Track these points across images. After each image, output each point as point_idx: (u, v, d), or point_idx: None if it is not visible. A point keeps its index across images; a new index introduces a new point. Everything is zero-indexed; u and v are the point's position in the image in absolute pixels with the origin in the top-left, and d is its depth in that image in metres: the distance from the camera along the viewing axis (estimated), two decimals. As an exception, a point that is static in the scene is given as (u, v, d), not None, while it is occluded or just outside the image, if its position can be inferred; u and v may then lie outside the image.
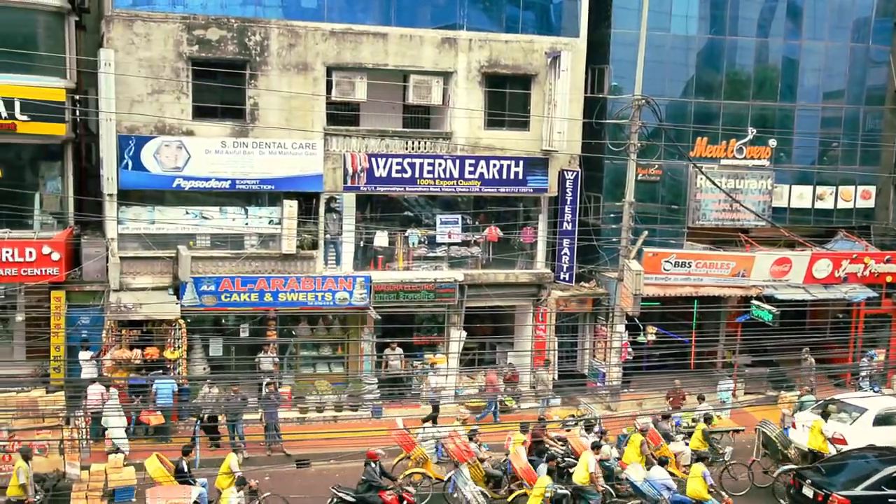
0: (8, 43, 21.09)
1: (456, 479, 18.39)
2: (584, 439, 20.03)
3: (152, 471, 17.57)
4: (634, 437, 19.80)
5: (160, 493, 16.63)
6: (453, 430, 19.61)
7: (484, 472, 19.15)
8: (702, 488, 18.09)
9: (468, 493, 17.73)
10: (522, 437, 19.45)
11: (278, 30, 23.01)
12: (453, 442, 18.96)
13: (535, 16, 25.12)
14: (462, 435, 19.43)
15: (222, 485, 17.43)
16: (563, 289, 25.77)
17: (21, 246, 21.18)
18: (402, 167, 24.17)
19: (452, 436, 19.15)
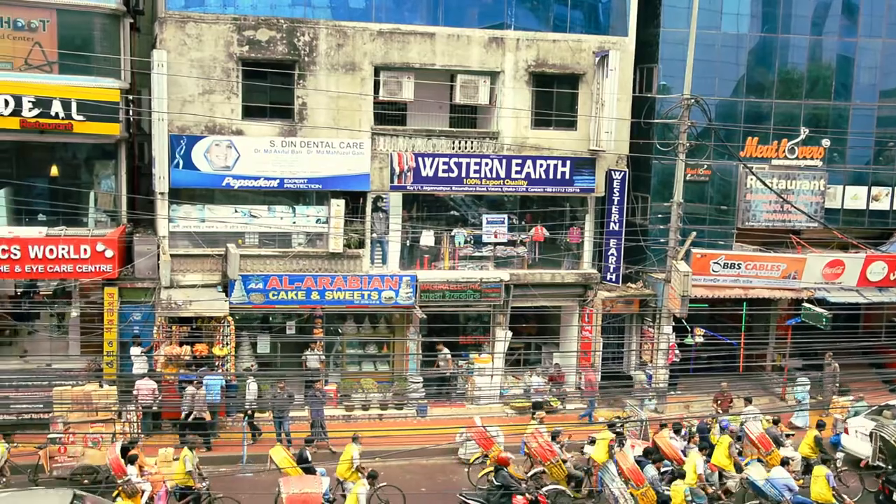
0: (66, 45, 21.66)
1: (602, 475, 18.20)
2: (675, 441, 19.79)
3: (278, 460, 17.84)
4: (723, 439, 19.48)
5: (293, 483, 16.68)
6: (535, 429, 19.51)
7: (566, 471, 18.96)
8: (826, 491, 17.80)
9: (616, 490, 17.56)
10: (610, 436, 19.29)
11: (327, 30, 23.20)
12: (536, 441, 18.83)
13: (582, 15, 24.98)
14: (545, 434, 19.28)
15: (344, 474, 17.79)
16: (610, 289, 25.59)
17: (76, 243, 21.63)
18: (449, 167, 24.21)
19: (535, 435, 19.02)
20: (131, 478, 16.87)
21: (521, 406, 24.53)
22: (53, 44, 21.64)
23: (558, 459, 18.87)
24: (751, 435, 20.04)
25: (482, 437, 19.74)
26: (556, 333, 26.81)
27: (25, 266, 21.33)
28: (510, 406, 24.65)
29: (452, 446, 21.38)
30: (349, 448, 18.23)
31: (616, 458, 18.47)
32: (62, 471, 18.82)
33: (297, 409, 22.15)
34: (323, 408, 21.92)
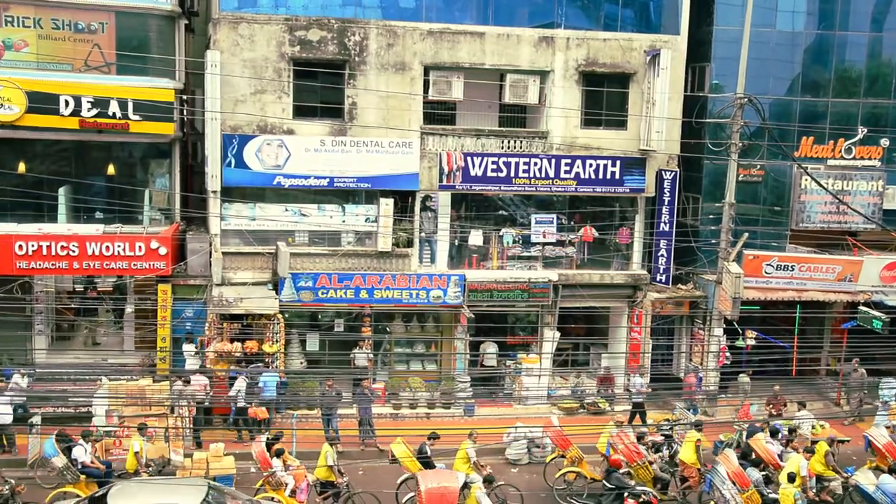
0: (124, 46, 22.09)
1: (712, 478, 18.02)
2: (771, 446, 19.47)
3: (399, 454, 18.05)
4: (820, 445, 19.11)
5: (431, 477, 16.84)
6: (622, 430, 19.40)
7: (653, 473, 18.79)
8: None
9: (727, 493, 17.38)
10: (697, 436, 19.09)
11: (377, 30, 23.32)
12: (622, 442, 18.69)
13: (634, 13, 24.75)
14: (631, 435, 19.12)
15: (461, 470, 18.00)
16: (660, 290, 25.33)
17: (131, 240, 22.05)
18: (498, 166, 24.18)
19: (622, 436, 18.89)
20: (276, 471, 17.20)
21: (569, 407, 24.42)
22: (112, 45, 22.09)
23: (645, 461, 18.63)
24: (876, 443, 19.60)
25: (559, 437, 19.59)
26: (605, 334, 26.62)
27: (83, 263, 21.80)
28: (557, 407, 24.53)
29: (500, 446, 21.34)
30: (464, 445, 18.38)
31: (719, 459, 18.23)
32: (117, 463, 19.17)
33: (346, 406, 22.29)
34: (371, 406, 22.06)
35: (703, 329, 25.21)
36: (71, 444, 17.80)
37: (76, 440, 18.02)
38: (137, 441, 18.30)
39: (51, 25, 21.77)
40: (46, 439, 17.78)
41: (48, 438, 17.73)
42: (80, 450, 17.73)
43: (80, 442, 17.90)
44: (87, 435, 18.09)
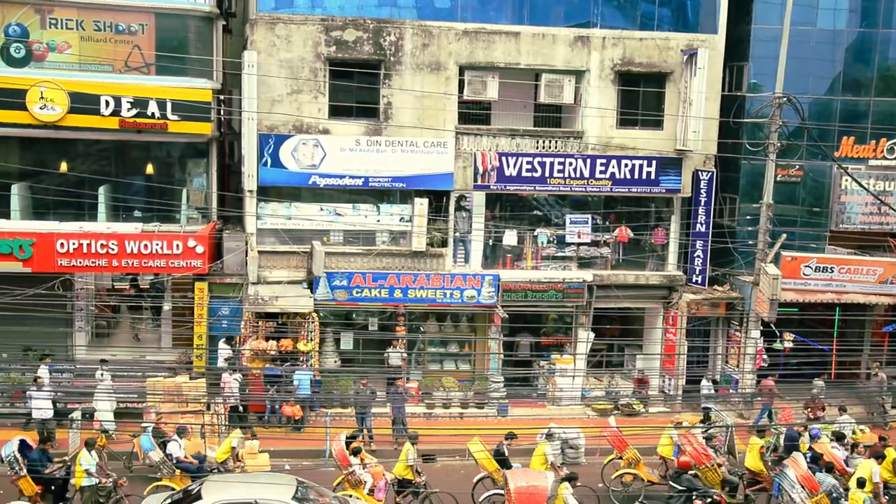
0: (163, 47, 22.37)
1: (781, 482, 17.74)
2: (837, 451, 19.21)
3: (475, 453, 18.14)
4: (889, 451, 18.73)
5: (520, 476, 16.88)
6: (689, 432, 19.15)
7: (721, 476, 18.46)
8: None
9: (796, 497, 17.15)
10: (760, 442, 18.84)
11: (412, 30, 23.38)
12: (690, 444, 18.50)
13: (670, 12, 24.56)
14: (699, 437, 18.89)
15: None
16: (696, 292, 25.10)
17: (169, 239, 22.31)
18: (533, 166, 24.12)
19: (689, 437, 18.71)
20: (355, 469, 17.32)
21: (603, 408, 24.29)
22: (151, 46, 22.37)
23: (713, 463, 18.35)
24: None
25: (616, 438, 19.44)
26: (640, 335, 26.43)
27: (122, 260, 22.11)
28: (591, 408, 24.41)
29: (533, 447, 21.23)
30: (541, 446, 18.40)
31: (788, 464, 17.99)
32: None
33: (379, 405, 22.37)
34: (404, 405, 22.11)
35: (740, 331, 24.94)
36: (166, 440, 18.15)
37: (169, 435, 18.39)
38: (236, 437, 18.57)
39: (93, 27, 22.12)
40: (143, 434, 18.13)
41: (144, 434, 18.07)
42: (174, 445, 18.05)
43: (174, 437, 18.23)
44: (181, 432, 18.42)
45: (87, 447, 17.09)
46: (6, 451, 16.58)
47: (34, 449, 17.16)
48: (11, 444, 16.73)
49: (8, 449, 16.60)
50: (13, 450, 16.53)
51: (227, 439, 18.67)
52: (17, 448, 16.60)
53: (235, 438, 18.63)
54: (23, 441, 17.10)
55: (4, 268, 21.48)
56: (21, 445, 16.87)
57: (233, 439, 18.59)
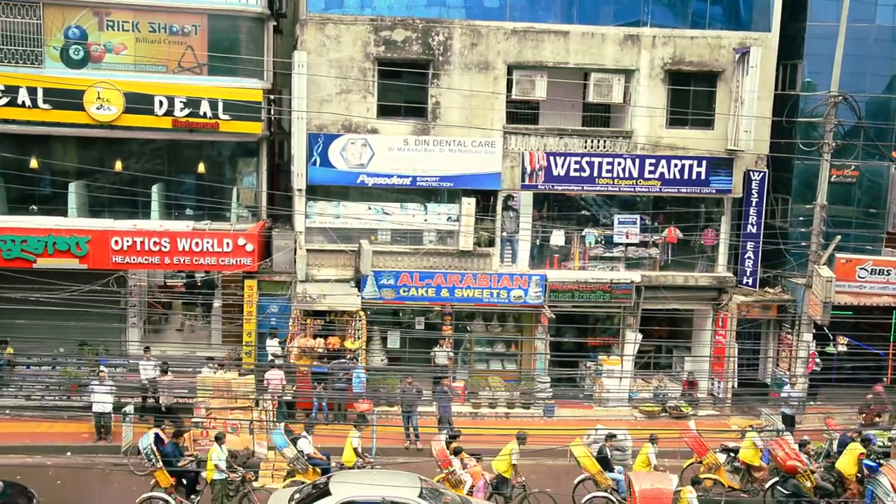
0: (215, 48, 22.70)
1: (874, 489, 17.54)
2: None
3: (578, 455, 18.19)
4: None
5: (644, 478, 17.02)
6: (781, 436, 18.97)
7: (815, 482, 18.22)
8: None
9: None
10: (861, 449, 18.50)
11: (461, 29, 23.39)
12: (782, 449, 18.28)
13: (722, 10, 24.22)
14: (792, 442, 18.65)
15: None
16: (746, 294, 24.73)
17: (220, 237, 22.64)
18: (581, 166, 23.98)
19: (781, 443, 18.48)
20: (455, 469, 17.47)
21: (650, 410, 24.07)
22: (203, 47, 22.71)
23: (806, 469, 18.15)
24: None
25: (697, 442, 19.15)
26: (689, 337, 26.13)
27: (174, 258, 22.50)
28: (639, 410, 24.20)
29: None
30: (645, 448, 18.35)
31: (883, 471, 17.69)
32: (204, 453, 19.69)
33: (425, 404, 22.43)
34: (450, 404, 22.14)
35: (792, 334, 24.52)
36: (296, 437, 18.49)
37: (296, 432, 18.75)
38: (356, 437, 18.72)
39: (147, 29, 22.52)
40: (274, 430, 18.48)
41: (276, 431, 18.40)
42: (304, 442, 18.41)
43: (304, 434, 18.60)
44: (308, 429, 18.83)
45: (217, 441, 17.59)
46: (143, 444, 17.15)
47: (167, 443, 17.64)
48: (148, 437, 17.28)
49: (145, 442, 17.15)
50: (150, 442, 17.07)
51: (348, 441, 18.69)
52: (153, 441, 17.11)
53: (356, 439, 18.70)
54: (157, 435, 17.59)
55: (61, 264, 21.98)
56: (155, 439, 17.37)
57: (353, 439, 18.65)
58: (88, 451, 20.44)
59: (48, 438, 20.75)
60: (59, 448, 20.44)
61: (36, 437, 20.64)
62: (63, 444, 20.64)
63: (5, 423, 21.33)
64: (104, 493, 18.67)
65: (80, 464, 19.34)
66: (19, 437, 20.62)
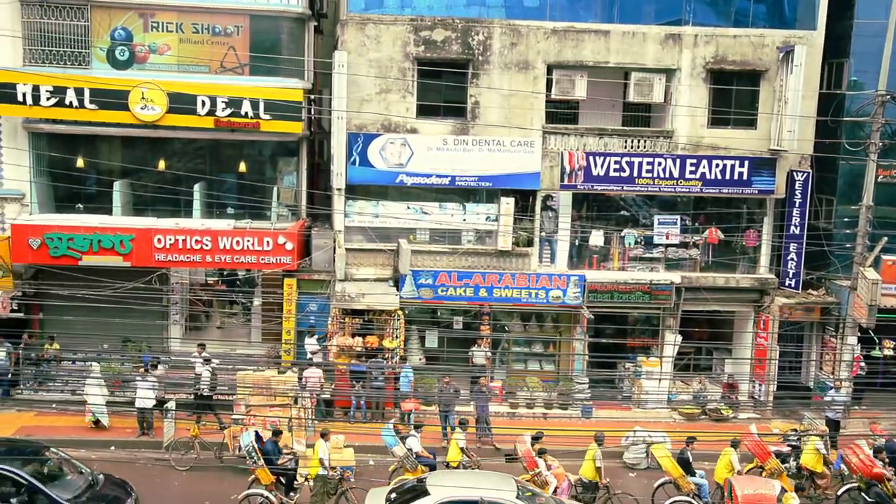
0: (256, 48, 22.95)
1: None
2: None
3: (660, 457, 18.13)
4: None
5: (746, 483, 16.95)
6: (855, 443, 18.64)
7: (892, 490, 17.86)
8: None
9: None
10: None
11: (501, 29, 23.36)
12: (856, 455, 18.06)
13: (766, 9, 23.92)
14: (866, 448, 18.33)
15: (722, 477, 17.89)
16: (789, 296, 24.38)
17: (260, 236, 22.86)
18: (621, 166, 23.82)
19: (855, 449, 18.22)
20: (541, 470, 17.55)
21: (690, 412, 23.84)
22: (245, 47, 22.96)
23: (887, 476, 17.81)
24: None
25: (758, 447, 18.86)
26: (729, 339, 25.85)
27: (215, 256, 22.76)
28: (678, 412, 23.98)
29: (618, 450, 21.03)
30: (727, 452, 18.14)
31: None
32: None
33: (463, 404, 22.44)
34: (488, 404, 22.13)
35: (836, 337, 24.13)
36: (405, 436, 18.68)
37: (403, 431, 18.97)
38: (462, 437, 18.83)
39: (191, 30, 22.82)
40: (383, 429, 18.71)
41: (385, 429, 18.63)
42: (413, 440, 18.58)
43: (412, 433, 18.79)
44: (418, 426, 19.00)
45: (322, 438, 17.87)
46: (244, 442, 17.42)
47: (265, 441, 17.85)
48: (249, 435, 17.55)
49: (246, 440, 17.41)
50: (251, 440, 17.31)
51: (453, 442, 18.78)
52: (253, 439, 17.36)
53: (461, 439, 18.77)
54: (256, 433, 17.84)
55: (106, 262, 22.37)
56: (255, 437, 17.63)
57: (458, 439, 18.72)
58: (131, 445, 20.76)
59: (93, 433, 21.11)
60: (103, 442, 20.78)
61: (81, 432, 21.00)
62: (107, 438, 20.99)
63: (51, 417, 21.74)
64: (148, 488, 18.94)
65: (123, 458, 19.61)
66: (65, 430, 20.99)
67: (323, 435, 17.92)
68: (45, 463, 16.39)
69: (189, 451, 20.00)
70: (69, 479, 16.25)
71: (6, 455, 16.07)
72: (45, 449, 16.95)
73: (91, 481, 16.50)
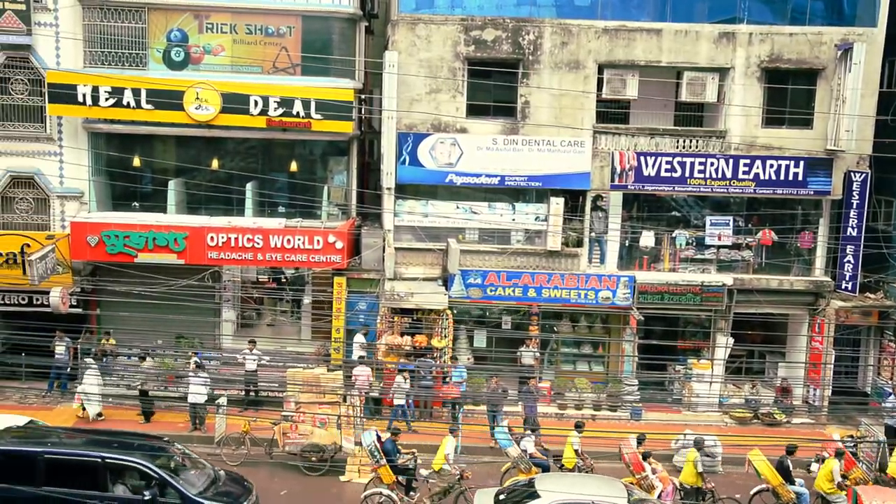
0: (308, 48, 23.15)
1: None
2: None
3: (758, 464, 18.02)
4: None
5: (873, 493, 16.82)
6: None
7: None
8: None
9: None
10: None
11: (551, 28, 23.26)
12: None
13: (824, 5, 23.45)
14: None
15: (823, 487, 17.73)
16: (845, 299, 23.87)
17: (310, 234, 23.07)
18: (672, 166, 23.55)
19: None
20: (648, 474, 17.67)
21: (742, 416, 23.48)
22: (297, 48, 23.18)
23: None
24: None
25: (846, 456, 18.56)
26: (783, 343, 25.38)
27: (266, 255, 23.04)
28: (729, 416, 23.65)
29: (667, 453, 20.80)
30: (830, 463, 17.96)
31: None
32: (293, 447, 20.14)
33: (511, 404, 22.39)
34: (536, 405, 22.06)
35: (895, 341, 23.55)
36: (519, 437, 18.92)
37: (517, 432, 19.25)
38: (577, 437, 18.91)
39: (244, 30, 23.12)
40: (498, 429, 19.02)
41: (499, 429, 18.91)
42: (528, 441, 18.82)
43: (527, 434, 19.01)
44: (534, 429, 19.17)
45: (451, 434, 18.15)
46: (367, 441, 17.72)
47: (385, 440, 18.08)
48: (370, 434, 17.81)
49: (368, 439, 17.69)
50: (373, 440, 17.60)
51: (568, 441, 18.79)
52: (375, 439, 17.64)
53: (576, 439, 18.87)
54: (377, 433, 18.11)
55: (161, 259, 22.78)
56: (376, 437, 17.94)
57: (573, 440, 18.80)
58: (184, 440, 21.07)
59: (147, 427, 21.50)
60: (156, 437, 21.15)
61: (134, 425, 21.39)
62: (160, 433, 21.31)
63: (107, 410, 22.21)
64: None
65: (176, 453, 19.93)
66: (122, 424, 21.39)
67: (451, 431, 18.12)
68: (171, 458, 16.57)
69: (240, 446, 20.30)
70: (193, 474, 16.45)
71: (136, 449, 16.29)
72: (168, 444, 17.18)
73: (213, 476, 16.70)
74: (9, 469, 15.62)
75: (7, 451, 15.90)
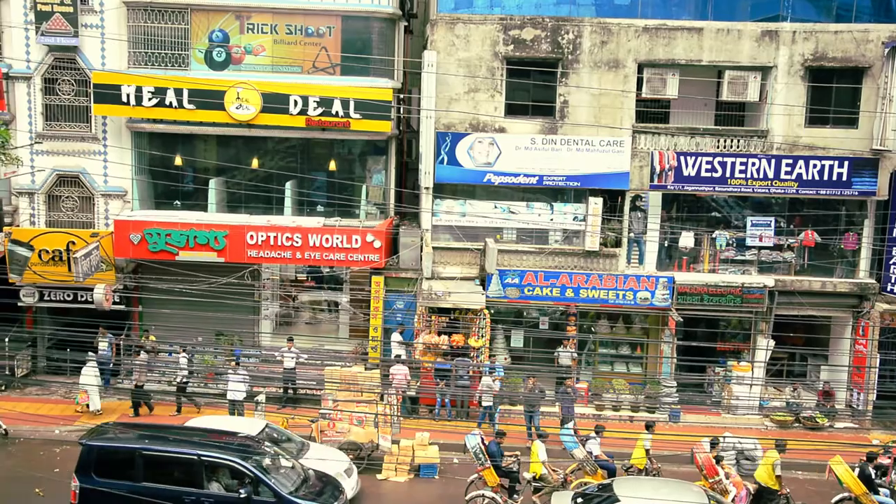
0: (348, 48, 23.31)
1: None
2: None
3: (840, 472, 17.74)
4: None
5: None
6: None
7: None
8: None
9: None
10: None
11: (591, 27, 23.14)
12: None
13: (870, 2, 23.06)
14: None
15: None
16: (890, 301, 23.41)
17: (349, 233, 23.20)
18: (713, 166, 23.29)
19: None
20: (722, 479, 17.58)
21: (782, 419, 23.16)
22: (337, 48, 23.35)
23: None
24: None
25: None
26: (825, 345, 24.97)
27: (305, 253, 23.21)
28: (770, 419, 23.33)
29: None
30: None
31: None
32: (330, 444, 20.26)
33: (548, 404, 22.32)
34: (573, 405, 21.96)
35: (941, 345, 23.10)
36: (585, 438, 18.93)
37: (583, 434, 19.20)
38: (648, 438, 18.88)
39: (285, 31, 23.33)
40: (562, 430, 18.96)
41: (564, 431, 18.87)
42: (593, 443, 18.86)
43: (592, 435, 19.02)
44: (599, 430, 19.16)
45: (539, 438, 18.22)
46: (471, 444, 17.73)
47: (489, 443, 18.11)
48: (475, 436, 17.83)
49: (472, 441, 17.72)
50: (478, 442, 17.65)
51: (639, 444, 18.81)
52: (480, 441, 17.69)
53: (647, 441, 18.84)
54: (481, 435, 18.12)
55: (201, 257, 23.06)
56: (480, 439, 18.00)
57: (644, 441, 18.80)
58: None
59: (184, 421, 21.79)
60: (196, 432, 21.41)
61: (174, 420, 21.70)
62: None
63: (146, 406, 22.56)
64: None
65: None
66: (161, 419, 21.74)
67: (540, 436, 18.18)
68: (264, 456, 16.70)
69: (278, 443, 20.45)
70: (285, 473, 16.57)
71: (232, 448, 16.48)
72: (259, 442, 17.33)
73: (304, 476, 16.83)
74: (109, 465, 16.05)
75: (108, 447, 16.30)
